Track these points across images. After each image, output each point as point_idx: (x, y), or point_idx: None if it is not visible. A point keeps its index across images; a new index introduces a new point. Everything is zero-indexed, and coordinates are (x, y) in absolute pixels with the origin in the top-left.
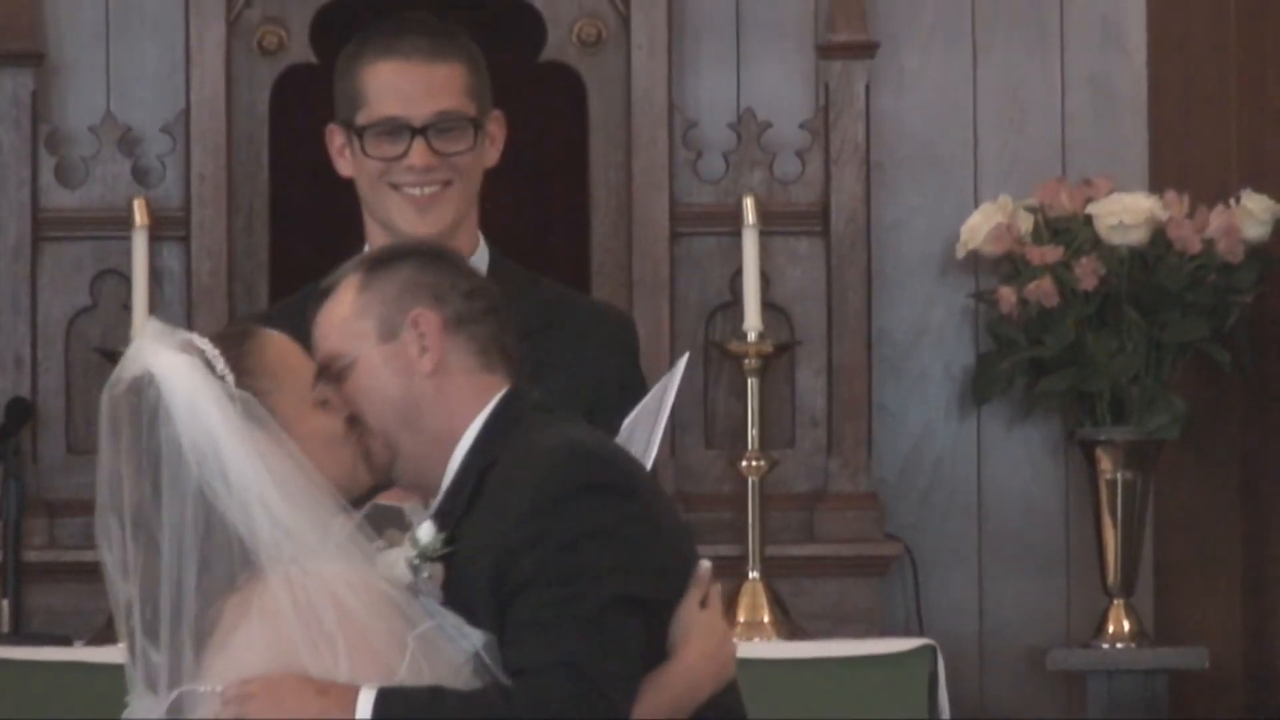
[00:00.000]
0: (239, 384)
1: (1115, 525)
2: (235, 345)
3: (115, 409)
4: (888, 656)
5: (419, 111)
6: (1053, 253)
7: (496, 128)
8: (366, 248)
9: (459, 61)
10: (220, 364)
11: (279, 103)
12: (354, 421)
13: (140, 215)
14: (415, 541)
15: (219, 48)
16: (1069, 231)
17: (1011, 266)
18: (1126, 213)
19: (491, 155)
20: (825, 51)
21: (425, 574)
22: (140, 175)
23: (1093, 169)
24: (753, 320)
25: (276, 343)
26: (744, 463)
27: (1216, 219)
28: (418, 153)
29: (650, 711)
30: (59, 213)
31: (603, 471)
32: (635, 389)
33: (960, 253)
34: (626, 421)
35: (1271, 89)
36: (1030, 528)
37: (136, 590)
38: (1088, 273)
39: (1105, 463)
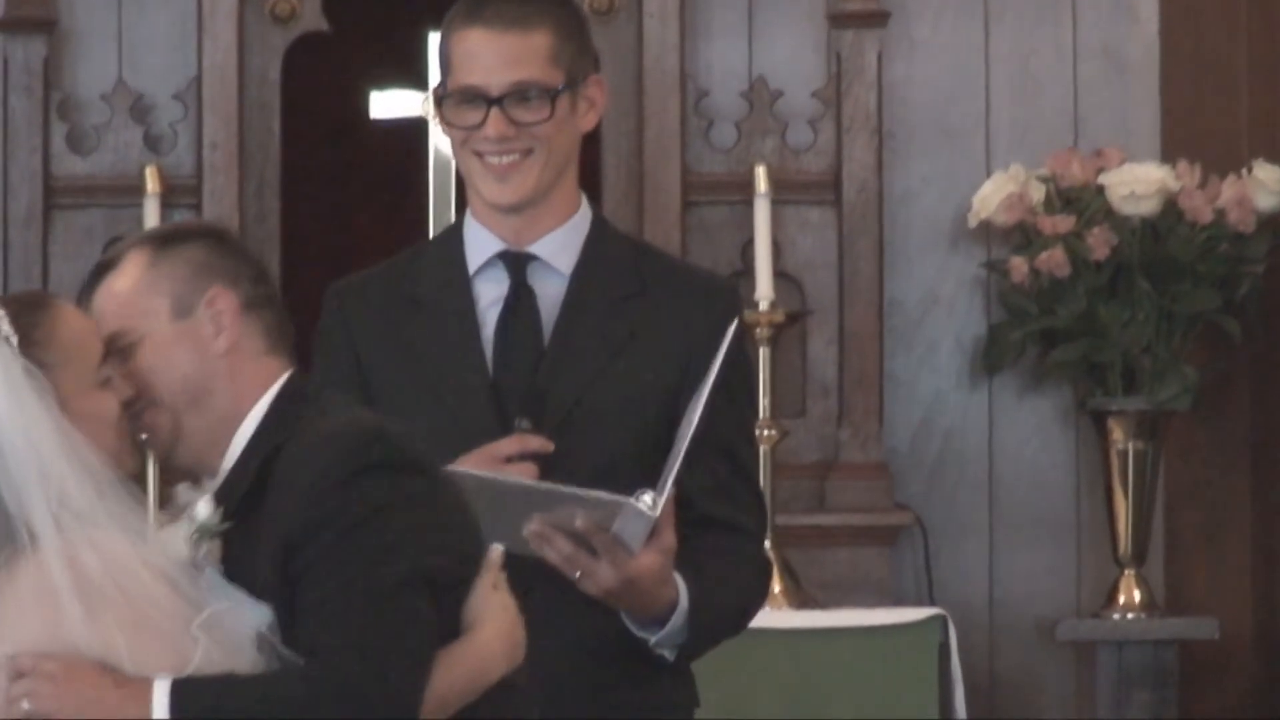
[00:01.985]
0: (24, 352)
1: (1126, 495)
2: (28, 312)
3: None
4: (898, 626)
5: (496, 81)
6: (1064, 222)
7: (596, 92)
8: (469, 210)
9: (544, 29)
10: (6, 325)
11: (291, 70)
12: (130, 405)
13: (152, 183)
14: (193, 519)
15: (231, 15)
16: (1081, 201)
17: (1023, 236)
18: (1138, 183)
19: (588, 120)
20: (837, 20)
21: (204, 550)
22: (152, 143)
23: (1104, 139)
24: (764, 289)
25: (72, 318)
26: (755, 432)
27: (1228, 189)
28: (494, 123)
29: (444, 688)
30: (70, 180)
31: (386, 450)
32: (727, 356)
33: (972, 222)
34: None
35: None
36: (1041, 498)
37: None
38: (1099, 243)
39: (1116, 433)
